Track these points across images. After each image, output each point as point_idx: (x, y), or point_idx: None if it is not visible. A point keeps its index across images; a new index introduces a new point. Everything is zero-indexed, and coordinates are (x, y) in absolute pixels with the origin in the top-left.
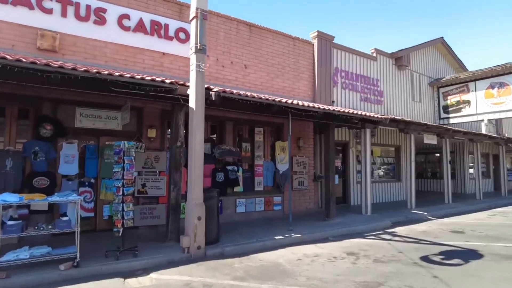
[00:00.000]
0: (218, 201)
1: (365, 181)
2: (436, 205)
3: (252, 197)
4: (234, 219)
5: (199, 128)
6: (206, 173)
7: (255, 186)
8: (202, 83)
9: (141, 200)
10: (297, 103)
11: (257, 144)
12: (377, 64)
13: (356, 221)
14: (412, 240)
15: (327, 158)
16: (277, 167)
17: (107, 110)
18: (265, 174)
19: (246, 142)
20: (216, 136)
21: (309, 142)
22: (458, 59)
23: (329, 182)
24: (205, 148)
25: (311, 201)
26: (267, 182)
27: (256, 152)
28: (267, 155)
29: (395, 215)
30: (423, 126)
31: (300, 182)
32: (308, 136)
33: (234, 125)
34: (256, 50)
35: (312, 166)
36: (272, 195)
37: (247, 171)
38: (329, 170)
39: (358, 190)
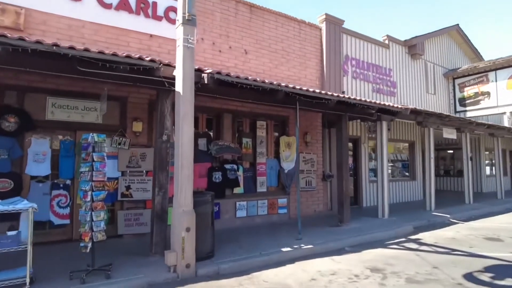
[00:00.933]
0: (213, 206)
1: (382, 180)
2: (456, 205)
3: (254, 199)
4: (233, 224)
5: (188, 118)
6: (201, 172)
7: (258, 187)
8: (191, 62)
9: (126, 204)
10: (306, 89)
11: (260, 140)
12: (389, 53)
13: (374, 227)
14: (444, 250)
15: (340, 155)
16: (282, 165)
17: (85, 100)
18: (269, 173)
19: (247, 138)
20: (213, 130)
21: (317, 137)
22: (474, 48)
23: (342, 182)
24: (200, 144)
25: (320, 202)
26: (270, 182)
27: (258, 148)
28: (271, 152)
29: (416, 218)
30: (444, 119)
31: (308, 181)
32: (316, 130)
33: (233, 118)
34: (257, 34)
35: (320, 164)
36: (276, 197)
37: (248, 170)
38: (342, 168)
39: (371, 190)
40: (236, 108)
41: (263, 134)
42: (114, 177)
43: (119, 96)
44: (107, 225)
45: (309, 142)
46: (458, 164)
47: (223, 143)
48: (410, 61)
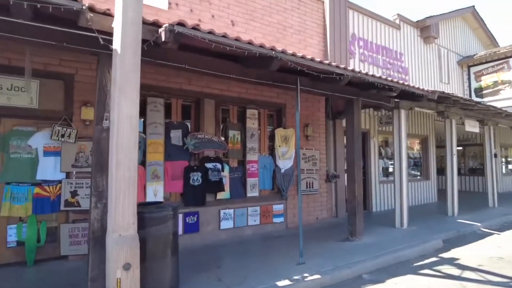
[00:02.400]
0: (176, 223)
1: (400, 181)
2: (480, 210)
3: (243, 206)
4: (217, 238)
5: (128, 90)
6: (175, 173)
7: (248, 191)
8: (136, 6)
9: (71, 215)
10: (311, 59)
11: (250, 133)
12: (400, 34)
13: (394, 241)
14: (500, 279)
15: (351, 149)
16: (278, 163)
17: (13, 76)
18: (262, 173)
19: (235, 130)
20: (191, 120)
21: (319, 130)
22: (491, 34)
23: (354, 185)
24: (174, 138)
25: (323, 208)
26: (264, 185)
27: (248, 143)
28: (264, 147)
29: (440, 228)
30: (469, 108)
31: (309, 183)
32: (319, 122)
33: (217, 104)
34: (248, 3)
35: (324, 162)
36: (271, 203)
37: (236, 170)
38: (354, 166)
39: (382, 193)
40: (220, 93)
41: (254, 126)
42: (55, 179)
43: (62, 73)
44: (45, 243)
45: (310, 136)
46: (469, 162)
47: (203, 136)
48: (422, 45)
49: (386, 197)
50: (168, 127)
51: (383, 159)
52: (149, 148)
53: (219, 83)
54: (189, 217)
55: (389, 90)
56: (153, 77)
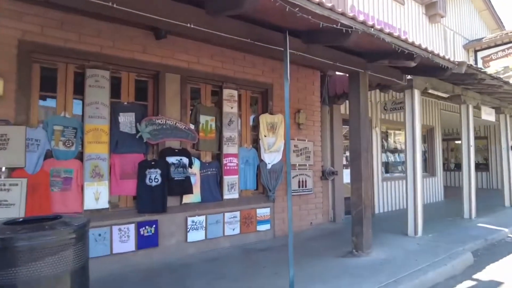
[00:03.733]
0: (83, 250)
1: (414, 179)
2: (497, 210)
3: (218, 211)
4: (183, 255)
5: None
6: (124, 169)
7: (225, 192)
8: None
9: None
10: None
11: (228, 119)
12: (404, 10)
13: (411, 256)
14: None
15: (356, 137)
16: (263, 157)
17: None
18: (243, 170)
19: (208, 115)
20: (148, 101)
21: (313, 118)
22: (498, 16)
23: (360, 183)
24: (124, 123)
25: (318, 211)
26: (245, 184)
27: (226, 132)
28: (246, 137)
29: (463, 235)
30: (496, 88)
31: (301, 182)
32: (313, 107)
33: (183, 81)
34: None
35: (319, 156)
36: (254, 206)
37: (210, 166)
38: (360, 159)
39: (384, 192)
40: (187, 66)
41: (233, 110)
42: None
43: None
44: None
45: (302, 125)
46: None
47: (164, 122)
48: (428, 24)
49: (390, 196)
50: (116, 109)
51: (386, 152)
52: (87, 137)
53: (186, 52)
54: (144, 228)
55: (407, 58)
56: (95, 42)
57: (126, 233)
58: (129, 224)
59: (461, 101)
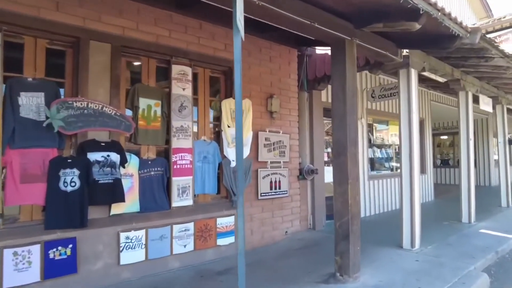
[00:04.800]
0: None
1: (410, 180)
2: (494, 211)
3: (164, 223)
4: (115, 282)
5: None
6: (28, 169)
7: (174, 198)
8: None
9: None
10: None
11: (179, 103)
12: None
13: (410, 281)
14: None
15: (341, 126)
16: (227, 153)
17: None
18: (199, 169)
19: (151, 97)
20: (66, 78)
21: (289, 105)
22: (487, 3)
23: (346, 186)
24: (26, 106)
25: (294, 217)
26: (203, 187)
27: (176, 120)
28: (204, 128)
29: (468, 246)
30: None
31: (274, 182)
32: (289, 93)
33: (116, 52)
34: None
35: (296, 151)
36: (214, 215)
37: (153, 165)
38: (346, 154)
39: (370, 192)
40: (122, 33)
41: (186, 93)
42: None
43: None
44: None
45: (276, 113)
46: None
47: (85, 105)
48: None
49: (378, 197)
50: (15, 87)
51: (372, 147)
52: None
53: (120, 15)
54: (55, 249)
55: (409, 17)
56: None
57: (25, 258)
58: (31, 246)
59: (461, 87)
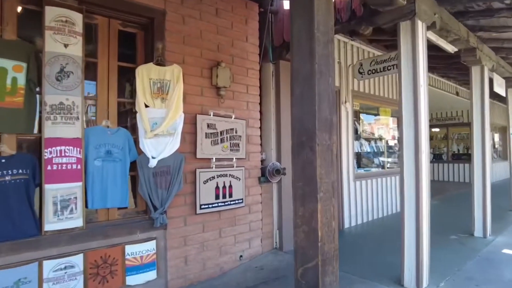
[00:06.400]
0: None
1: (417, 182)
2: (508, 219)
3: (27, 259)
4: None
5: None
6: None
7: (48, 217)
8: None
9: None
10: None
11: (58, 67)
12: None
13: None
14: None
15: (305, 94)
16: (144, 147)
17: None
18: (98, 170)
19: (5, 56)
20: None
21: (247, 80)
22: None
23: (315, 205)
24: None
25: (253, 235)
26: (103, 199)
27: (51, 93)
28: (107, 108)
29: (495, 283)
30: None
31: (223, 188)
32: (245, 62)
33: None
34: None
35: (256, 143)
36: (120, 240)
37: (8, 166)
38: (312, 146)
39: (359, 196)
40: None
41: (71, 52)
42: None
43: None
44: None
45: (224, 89)
46: (453, 146)
47: None
48: None
49: (366, 202)
50: None
51: (359, 140)
52: None
53: None
54: None
55: None
56: None
57: None
58: None
59: (476, 59)
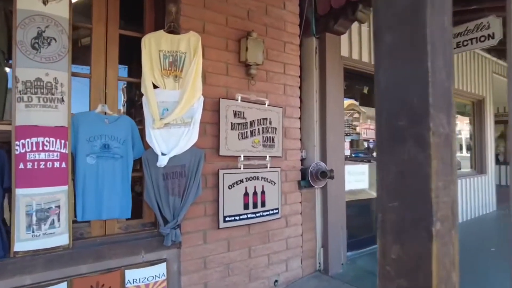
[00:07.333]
0: None
1: None
2: None
3: None
4: None
5: None
6: None
7: (18, 234)
8: None
9: None
10: None
11: (33, 31)
12: None
13: None
14: None
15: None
16: (150, 140)
17: None
18: (90, 171)
19: None
20: None
21: (284, 57)
22: None
23: (429, 244)
24: None
25: (291, 255)
26: (98, 207)
27: (24, 66)
28: (105, 87)
29: None
30: None
31: (253, 194)
32: (283, 34)
33: None
34: None
35: (295, 138)
36: (117, 263)
37: None
38: (425, 129)
39: None
40: None
41: (52, 12)
42: None
43: None
44: None
45: (257, 67)
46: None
47: None
48: None
49: None
50: None
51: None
52: None
53: None
54: None
55: None
56: None
57: None
58: None
59: None
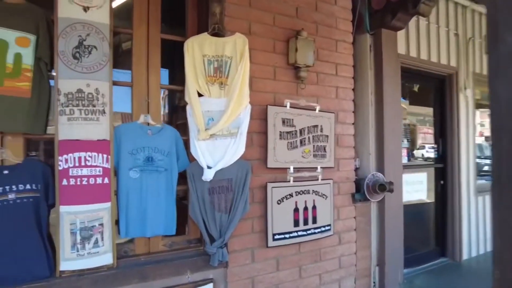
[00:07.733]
0: None
1: None
2: None
3: None
4: None
5: None
6: None
7: (63, 253)
8: None
9: None
10: None
11: (75, 40)
12: None
13: None
14: None
15: None
16: (194, 152)
17: None
18: (134, 186)
19: (8, 26)
20: None
21: (335, 57)
22: None
23: None
24: None
25: (345, 274)
26: (142, 224)
27: (66, 77)
28: (145, 96)
29: None
30: None
31: (304, 210)
32: (335, 32)
33: None
34: None
35: (348, 146)
36: (162, 283)
37: (11, 180)
38: None
39: (481, 215)
40: None
41: (94, 19)
42: None
43: None
44: None
45: (306, 70)
46: None
47: None
48: None
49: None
50: None
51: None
52: None
53: None
54: None
55: None
56: None
57: None
58: None
59: None
